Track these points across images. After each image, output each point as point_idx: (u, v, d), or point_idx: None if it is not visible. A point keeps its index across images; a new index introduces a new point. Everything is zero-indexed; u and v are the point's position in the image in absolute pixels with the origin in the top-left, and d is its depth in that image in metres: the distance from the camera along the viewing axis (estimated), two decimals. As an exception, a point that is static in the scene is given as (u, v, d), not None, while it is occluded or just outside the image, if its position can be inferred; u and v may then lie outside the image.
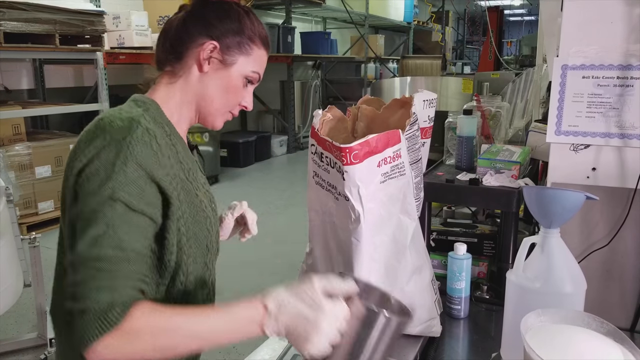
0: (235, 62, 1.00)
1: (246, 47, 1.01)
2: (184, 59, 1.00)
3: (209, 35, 0.99)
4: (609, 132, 1.15)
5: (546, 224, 0.96)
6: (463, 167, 1.50)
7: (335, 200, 1.06)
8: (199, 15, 1.00)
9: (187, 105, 1.02)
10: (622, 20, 1.10)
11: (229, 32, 1.00)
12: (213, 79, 1.00)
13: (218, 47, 0.98)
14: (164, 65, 1.02)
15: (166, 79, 1.01)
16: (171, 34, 1.01)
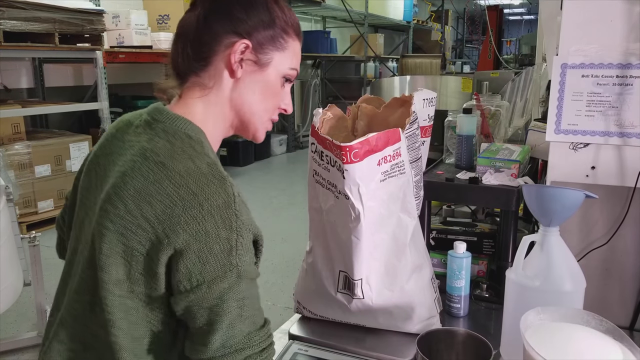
0: (271, 60, 0.87)
1: (280, 40, 0.87)
2: (211, 65, 0.85)
3: (236, 32, 0.84)
4: (608, 130, 1.15)
5: (545, 223, 0.96)
6: (463, 165, 1.50)
7: (336, 198, 1.06)
8: (222, 9, 0.85)
9: (223, 120, 0.89)
10: (621, 19, 1.10)
11: (260, 25, 0.85)
12: (249, 84, 0.87)
13: (250, 45, 0.84)
14: (186, 75, 0.87)
15: (196, 91, 0.87)
16: (191, 37, 0.86)
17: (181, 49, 0.87)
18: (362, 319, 1.14)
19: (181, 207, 0.75)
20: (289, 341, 1.15)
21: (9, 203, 2.39)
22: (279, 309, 3.06)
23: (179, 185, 0.77)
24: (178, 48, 0.88)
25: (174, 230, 0.75)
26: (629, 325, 1.19)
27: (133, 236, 0.77)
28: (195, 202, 0.76)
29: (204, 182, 0.78)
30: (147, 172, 0.79)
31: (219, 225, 0.76)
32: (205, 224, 0.75)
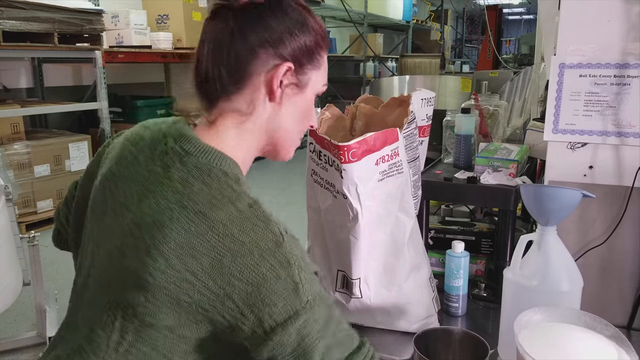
0: (309, 80, 0.80)
1: (317, 57, 0.80)
2: (248, 88, 0.77)
3: (278, 52, 0.75)
4: (606, 130, 1.15)
5: (543, 222, 0.97)
6: (461, 165, 1.51)
7: (334, 198, 1.06)
8: (256, 23, 0.74)
9: (257, 146, 0.83)
10: (619, 19, 1.11)
11: (298, 42, 0.77)
12: (288, 108, 0.80)
13: (293, 67, 0.77)
14: (216, 98, 0.78)
15: (231, 118, 0.78)
16: (225, 57, 0.75)
17: (212, 66, 0.76)
18: (360, 318, 1.15)
19: (230, 258, 0.69)
20: (288, 340, 1.15)
21: (8, 203, 2.39)
22: (278, 309, 3.06)
23: (224, 235, 0.69)
24: (209, 66, 0.76)
25: (228, 282, 0.68)
26: (627, 324, 1.19)
27: (177, 289, 0.70)
28: (244, 250, 0.69)
29: (249, 227, 0.71)
30: (187, 223, 0.69)
31: (275, 267, 0.70)
32: (260, 268, 0.69)
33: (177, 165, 0.74)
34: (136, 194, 0.74)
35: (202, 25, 0.79)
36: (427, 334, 0.99)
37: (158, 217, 0.71)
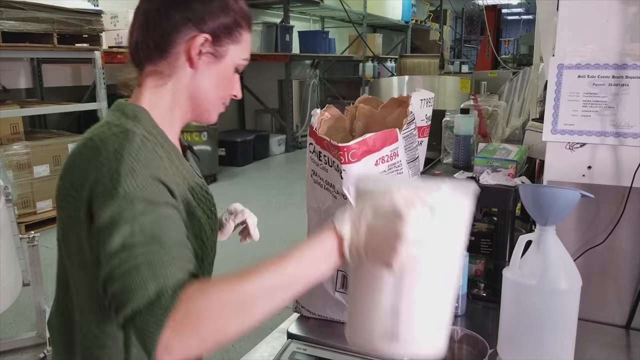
0: (227, 52, 0.91)
1: (236, 34, 0.91)
2: (171, 55, 0.89)
3: (196, 25, 0.88)
4: (605, 130, 1.16)
5: (542, 222, 0.97)
6: (460, 165, 1.51)
7: (334, 198, 1.07)
8: (182, 2, 0.89)
9: (179, 106, 0.93)
10: (617, 20, 1.11)
11: (217, 18, 0.89)
12: (206, 74, 0.91)
13: (210, 39, 0.89)
14: (144, 63, 0.91)
15: (152, 80, 0.91)
16: (152, 27, 0.89)
17: (141, 38, 0.90)
18: (360, 318, 1.15)
19: (83, 160, 0.82)
20: (288, 340, 1.16)
21: (7, 203, 2.39)
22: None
23: (89, 147, 0.83)
24: (138, 37, 0.91)
25: (83, 178, 0.80)
26: (625, 324, 1.20)
27: (66, 204, 0.84)
28: (96, 153, 0.80)
29: (109, 137, 0.82)
30: (76, 148, 0.86)
31: (109, 158, 0.78)
32: (99, 161, 0.79)
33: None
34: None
35: None
36: None
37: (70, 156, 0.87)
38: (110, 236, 0.74)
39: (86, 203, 0.79)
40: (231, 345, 2.69)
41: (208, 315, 0.66)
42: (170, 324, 0.66)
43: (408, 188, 0.66)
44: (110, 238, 0.73)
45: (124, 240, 0.73)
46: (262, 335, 1.24)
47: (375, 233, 0.65)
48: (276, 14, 8.49)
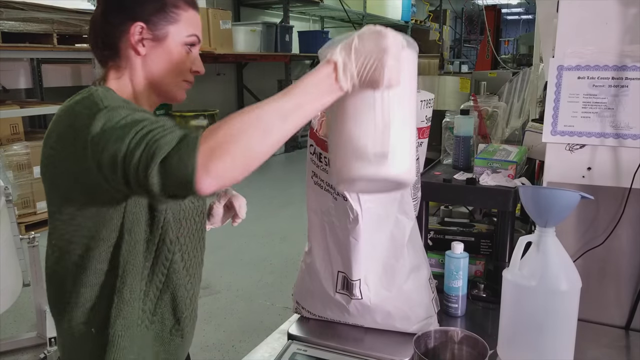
0: (168, 33, 0.99)
1: (171, 15, 1.00)
2: (120, 51, 1.00)
3: (131, 18, 0.98)
4: (604, 132, 1.16)
5: (542, 223, 0.97)
6: (460, 166, 1.51)
7: (334, 200, 1.07)
8: (115, 2, 1.00)
9: (142, 92, 1.02)
10: (617, 21, 1.11)
11: (149, 7, 0.98)
12: (154, 58, 1.00)
13: (145, 26, 0.98)
14: (105, 62, 1.02)
15: (113, 74, 1.01)
16: (98, 31, 1.01)
17: (94, 43, 1.03)
18: (361, 319, 1.15)
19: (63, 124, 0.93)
20: (288, 341, 1.16)
21: (8, 204, 2.39)
22: (277, 309, 3.07)
23: (67, 109, 0.94)
24: (92, 42, 1.03)
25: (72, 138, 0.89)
26: (625, 325, 1.20)
27: (53, 169, 0.95)
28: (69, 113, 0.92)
29: (85, 99, 0.91)
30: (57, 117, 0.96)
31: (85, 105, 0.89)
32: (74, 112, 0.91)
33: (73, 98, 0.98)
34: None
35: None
36: (427, 335, 1.00)
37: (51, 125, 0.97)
38: (111, 134, 0.81)
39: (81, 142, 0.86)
40: (231, 346, 2.69)
41: (233, 136, 0.74)
42: (201, 150, 0.73)
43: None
44: (111, 134, 0.81)
45: (127, 123, 0.81)
46: (262, 336, 1.25)
47: (364, 54, 0.76)
48: (276, 14, 8.49)
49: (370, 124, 0.77)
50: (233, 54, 6.73)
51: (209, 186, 0.74)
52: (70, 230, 0.95)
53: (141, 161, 0.77)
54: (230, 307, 3.10)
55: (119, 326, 0.96)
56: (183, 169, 0.73)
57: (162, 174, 0.76)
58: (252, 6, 8.21)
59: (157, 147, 0.76)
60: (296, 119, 0.77)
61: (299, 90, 0.77)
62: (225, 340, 2.75)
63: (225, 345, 2.71)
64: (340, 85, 0.76)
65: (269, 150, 0.77)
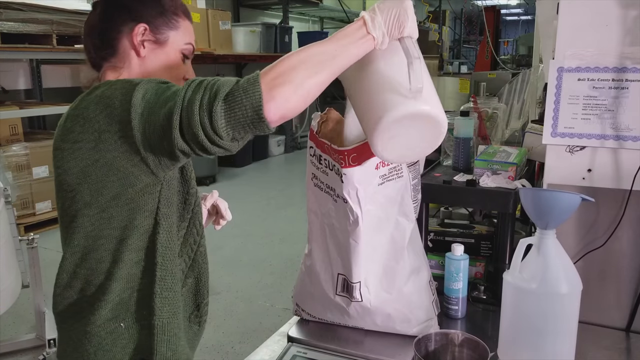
0: (168, 38, 1.02)
1: (173, 21, 1.03)
2: (119, 50, 1.01)
3: (134, 19, 1.00)
4: (605, 133, 1.16)
5: (542, 226, 0.97)
6: (460, 168, 1.51)
7: (334, 202, 1.07)
8: (118, 4, 1.01)
9: None
10: (617, 23, 1.11)
11: (152, 11, 1.01)
12: (153, 60, 1.01)
13: (148, 28, 1.00)
14: (100, 64, 1.03)
15: (109, 74, 1.02)
16: (97, 31, 1.02)
17: (91, 43, 1.03)
18: (361, 322, 1.15)
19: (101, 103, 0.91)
20: (288, 344, 1.16)
21: (7, 205, 2.39)
22: (277, 310, 3.07)
23: (91, 95, 0.93)
24: (89, 43, 1.03)
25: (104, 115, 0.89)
26: (625, 327, 1.20)
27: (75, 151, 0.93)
28: (89, 101, 0.92)
29: (105, 84, 0.92)
30: (65, 114, 0.96)
31: (112, 87, 0.90)
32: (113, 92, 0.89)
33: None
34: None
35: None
36: (427, 337, 0.99)
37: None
38: (157, 97, 0.84)
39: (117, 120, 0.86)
40: (231, 347, 2.69)
41: (290, 69, 0.80)
42: (263, 81, 0.79)
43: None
44: (157, 97, 0.84)
45: (169, 86, 0.86)
46: (262, 338, 1.24)
47: (387, 8, 0.84)
48: (275, 14, 8.49)
49: (402, 65, 0.84)
50: (232, 55, 6.73)
51: (275, 112, 0.79)
52: (101, 225, 0.93)
53: (203, 101, 0.79)
54: (230, 308, 3.09)
55: (165, 314, 0.96)
56: (250, 97, 0.78)
57: (227, 110, 0.79)
58: (252, 7, 8.21)
59: (217, 86, 0.80)
60: (339, 62, 0.83)
61: (335, 41, 0.84)
62: (224, 341, 2.75)
63: (224, 346, 2.71)
64: (371, 35, 0.84)
65: (319, 87, 0.83)
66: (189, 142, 0.82)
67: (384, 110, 0.83)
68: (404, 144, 0.87)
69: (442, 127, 0.87)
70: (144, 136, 0.85)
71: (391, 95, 0.84)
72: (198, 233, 1.04)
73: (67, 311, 0.98)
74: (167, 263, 0.95)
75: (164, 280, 0.95)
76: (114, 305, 0.94)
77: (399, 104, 0.83)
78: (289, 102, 0.80)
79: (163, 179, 0.92)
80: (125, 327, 0.96)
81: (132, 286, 0.95)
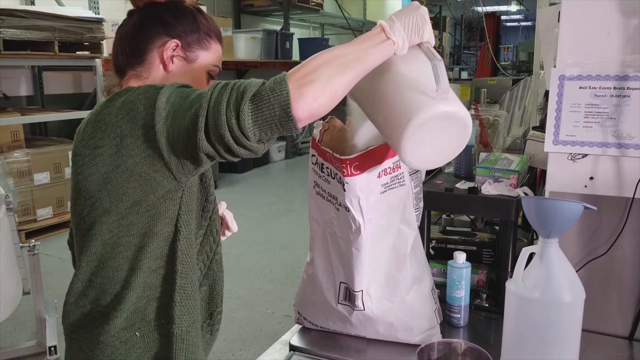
0: (198, 57, 1.03)
1: (205, 42, 1.04)
2: (147, 61, 1.01)
3: (169, 34, 1.01)
4: (606, 141, 1.16)
5: (545, 234, 0.97)
6: (462, 175, 1.51)
7: (336, 210, 1.07)
8: (155, 16, 1.02)
9: None
10: (618, 32, 1.12)
11: (187, 29, 1.02)
12: (178, 75, 1.01)
13: (180, 44, 1.01)
14: (125, 70, 1.03)
15: (133, 82, 1.02)
16: (130, 38, 1.02)
17: (121, 49, 1.03)
18: (363, 330, 1.15)
19: (123, 108, 0.91)
20: (290, 352, 1.16)
21: (8, 212, 2.39)
22: (278, 317, 3.06)
23: (101, 108, 0.94)
24: (119, 49, 1.04)
25: (124, 120, 0.90)
26: (628, 335, 1.19)
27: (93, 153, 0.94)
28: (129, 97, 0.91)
29: (128, 91, 0.92)
30: (87, 120, 0.97)
31: (145, 88, 0.90)
32: (137, 96, 0.90)
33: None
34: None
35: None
36: (430, 346, 0.99)
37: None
38: (182, 100, 0.85)
39: (140, 125, 0.87)
40: (232, 355, 2.68)
41: (317, 68, 0.81)
42: (291, 80, 0.80)
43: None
44: (182, 100, 0.85)
45: (193, 89, 0.87)
46: (262, 345, 1.24)
47: (404, 15, 0.87)
48: (276, 21, 8.52)
49: (424, 68, 0.86)
50: (234, 61, 6.75)
51: (304, 110, 0.79)
52: (119, 232, 0.92)
53: (230, 101, 0.80)
54: (231, 315, 3.08)
55: (185, 322, 0.94)
56: (278, 96, 0.78)
57: (255, 110, 0.79)
58: (253, 13, 8.24)
59: (244, 86, 0.80)
60: (363, 63, 0.84)
61: (357, 44, 0.86)
62: (225, 348, 2.74)
63: (225, 353, 2.70)
64: (392, 40, 0.85)
65: (346, 87, 0.83)
66: (214, 144, 0.81)
67: (413, 112, 0.83)
68: (431, 148, 0.87)
69: (469, 128, 0.88)
70: (167, 140, 0.85)
71: (418, 96, 0.85)
72: (215, 241, 1.03)
73: (80, 321, 0.96)
74: (187, 270, 0.94)
75: (184, 288, 0.94)
76: (129, 314, 0.93)
77: (427, 105, 0.83)
78: (317, 101, 0.80)
79: (185, 185, 0.92)
80: (141, 336, 0.94)
81: (149, 294, 0.94)
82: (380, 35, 0.86)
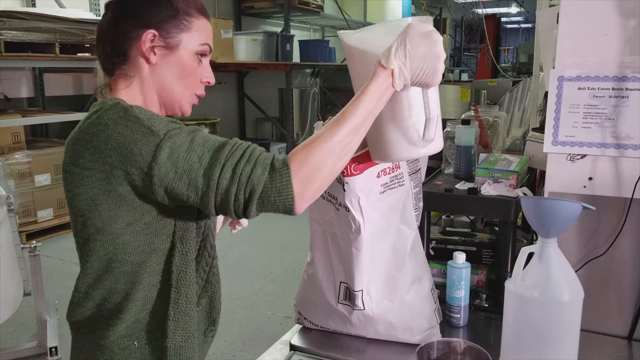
0: (180, 42, 0.96)
1: (184, 22, 0.97)
2: (130, 58, 0.96)
3: (143, 25, 0.94)
4: (605, 142, 1.16)
5: (544, 234, 0.97)
6: (461, 176, 1.51)
7: (336, 210, 1.07)
8: (127, 8, 0.96)
9: (151, 102, 0.99)
10: (616, 33, 1.12)
11: (163, 15, 0.95)
12: (165, 67, 0.96)
13: (157, 34, 0.95)
14: (112, 70, 0.99)
15: (121, 83, 0.97)
16: (107, 37, 0.98)
17: (102, 49, 0.99)
18: (363, 330, 1.15)
19: (97, 138, 0.88)
20: (290, 352, 1.16)
21: (9, 213, 2.39)
22: (278, 318, 3.06)
23: (91, 125, 0.91)
24: (100, 49, 0.99)
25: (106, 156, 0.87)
26: (627, 335, 1.20)
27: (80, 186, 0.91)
28: (102, 126, 0.89)
29: (107, 114, 0.90)
30: (75, 135, 0.93)
31: (127, 124, 0.87)
32: (118, 131, 0.87)
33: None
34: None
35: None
36: (429, 346, 1.00)
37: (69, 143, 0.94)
38: (185, 167, 0.84)
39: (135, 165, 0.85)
40: (232, 355, 2.68)
41: (321, 162, 0.84)
42: (295, 180, 0.83)
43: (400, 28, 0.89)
44: (185, 168, 0.84)
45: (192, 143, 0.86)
46: (263, 346, 1.24)
47: (417, 59, 0.86)
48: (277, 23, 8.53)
49: (420, 116, 0.92)
50: (234, 63, 6.76)
51: (304, 206, 0.85)
52: (115, 250, 0.92)
53: (238, 200, 0.84)
54: (231, 316, 3.08)
55: (178, 337, 0.95)
56: (283, 201, 0.83)
57: (260, 208, 0.85)
58: (253, 15, 8.25)
59: (252, 186, 0.83)
60: (366, 126, 0.88)
61: (365, 101, 0.87)
62: (225, 349, 2.74)
63: (226, 354, 2.70)
64: (394, 88, 0.87)
65: (347, 162, 0.89)
66: (217, 211, 0.87)
67: (392, 150, 0.97)
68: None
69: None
70: (166, 193, 0.86)
71: (402, 139, 0.96)
72: (210, 255, 1.03)
73: (83, 322, 0.98)
74: (181, 286, 0.95)
75: (178, 303, 0.94)
76: (129, 324, 0.94)
77: (407, 150, 0.96)
78: (317, 194, 0.86)
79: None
80: (138, 346, 0.95)
81: (149, 307, 0.95)
82: (385, 83, 0.87)
